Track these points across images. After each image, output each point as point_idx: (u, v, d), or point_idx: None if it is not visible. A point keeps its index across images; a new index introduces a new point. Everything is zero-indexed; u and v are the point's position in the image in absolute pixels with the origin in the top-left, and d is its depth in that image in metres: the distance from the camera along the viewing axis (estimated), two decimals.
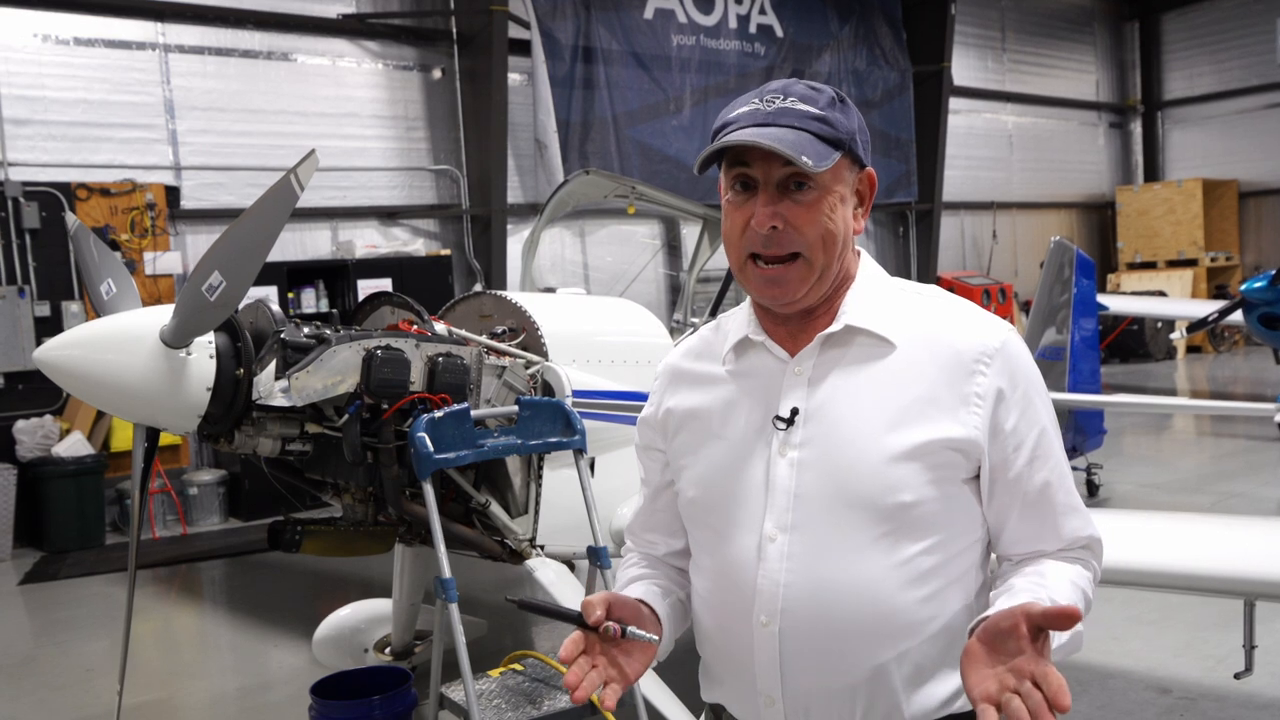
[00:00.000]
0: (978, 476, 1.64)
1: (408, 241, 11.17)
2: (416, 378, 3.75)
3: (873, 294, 1.68)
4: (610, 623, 1.55)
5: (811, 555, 1.60)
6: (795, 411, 1.64)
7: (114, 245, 9.13)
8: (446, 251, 11.29)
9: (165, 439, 8.32)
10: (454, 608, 3.33)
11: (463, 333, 4.18)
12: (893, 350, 1.63)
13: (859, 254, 1.74)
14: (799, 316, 1.68)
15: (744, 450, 1.68)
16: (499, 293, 4.58)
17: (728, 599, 1.67)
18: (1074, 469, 8.20)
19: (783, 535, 1.62)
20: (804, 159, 1.54)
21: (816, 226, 1.60)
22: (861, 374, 1.63)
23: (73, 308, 8.97)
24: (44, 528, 8.55)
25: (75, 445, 8.67)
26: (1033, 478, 1.63)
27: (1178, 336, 10.94)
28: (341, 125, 10.97)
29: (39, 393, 8.69)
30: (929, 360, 1.61)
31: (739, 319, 1.76)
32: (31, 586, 7.67)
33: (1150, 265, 19.14)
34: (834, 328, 1.65)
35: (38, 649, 6.41)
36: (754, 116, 1.60)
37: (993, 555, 1.73)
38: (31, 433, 8.65)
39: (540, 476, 4.08)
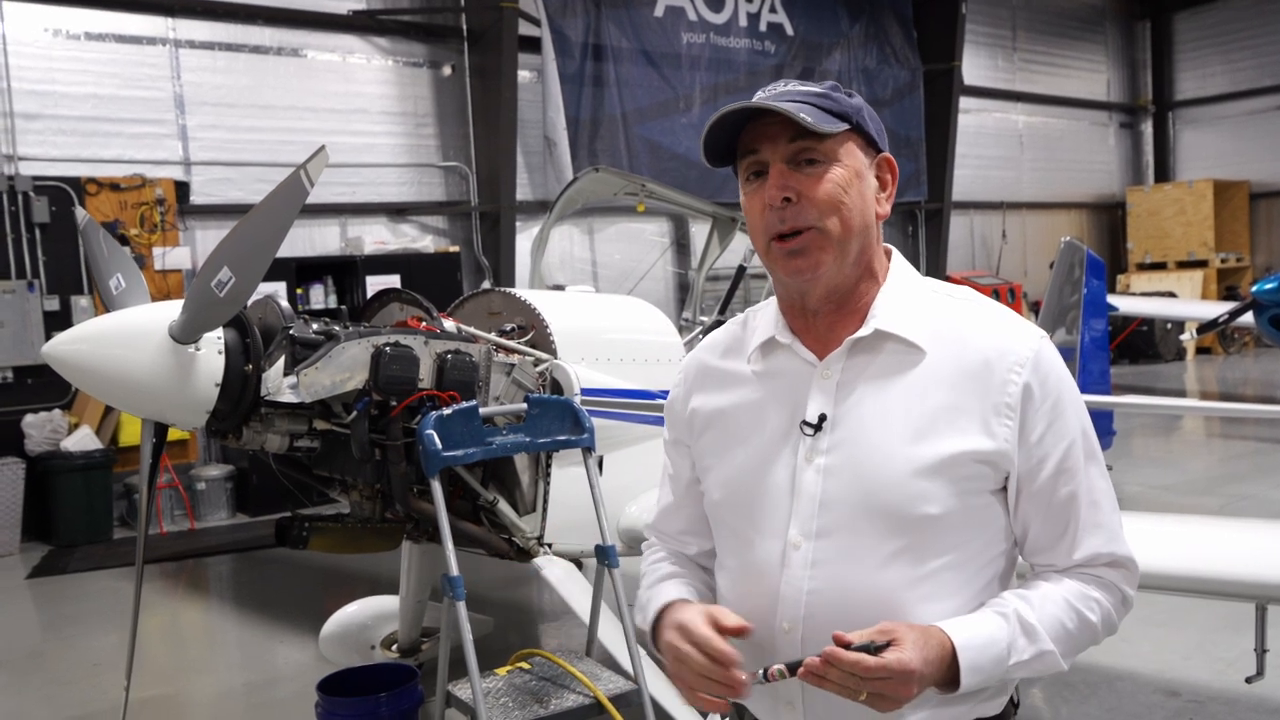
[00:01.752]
0: (1005, 487, 1.62)
1: (416, 238, 11.17)
2: (425, 375, 3.75)
3: (904, 297, 1.66)
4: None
5: (835, 563, 1.59)
6: (823, 417, 1.62)
7: (123, 240, 9.15)
8: (455, 248, 11.30)
9: (173, 434, 8.34)
10: (461, 605, 3.32)
11: (472, 330, 4.18)
12: (923, 357, 1.60)
13: (890, 252, 1.72)
14: (826, 312, 1.66)
15: (770, 454, 1.66)
16: (508, 290, 4.58)
17: (751, 603, 1.66)
18: None
19: (807, 542, 1.60)
20: (803, 116, 1.54)
21: (828, 196, 1.58)
22: (890, 381, 1.61)
23: (82, 302, 8.99)
24: (52, 522, 8.57)
25: (84, 439, 8.68)
26: (1057, 491, 1.60)
27: (1188, 338, 10.90)
28: (351, 121, 10.97)
29: (48, 387, 8.71)
30: (959, 369, 1.59)
31: (766, 317, 1.74)
32: (39, 580, 7.69)
33: (1160, 266, 19.07)
34: (863, 332, 1.62)
35: (45, 643, 6.42)
36: (755, 100, 1.62)
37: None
38: (40, 427, 8.67)
39: (548, 474, 4.08)
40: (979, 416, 1.57)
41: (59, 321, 8.65)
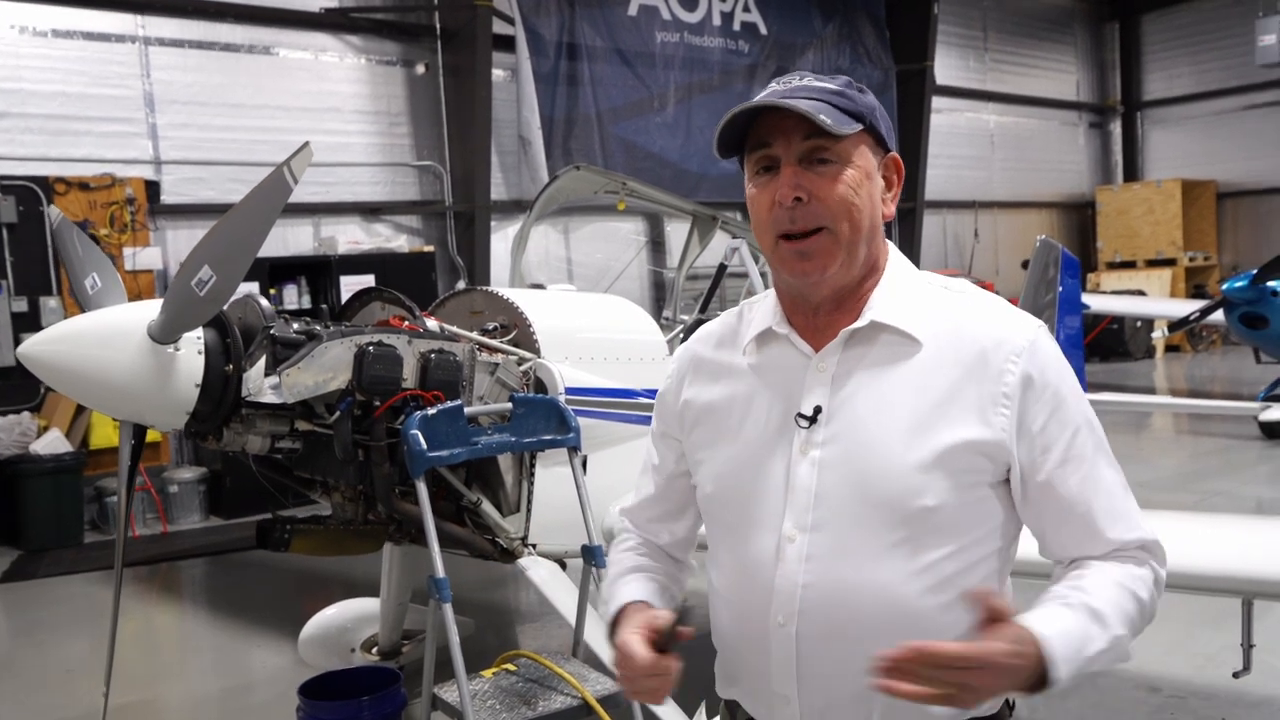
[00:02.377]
0: (1008, 480, 1.60)
1: (390, 238, 11.10)
2: (409, 374, 3.71)
3: (900, 289, 1.65)
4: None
5: (831, 557, 1.57)
6: (818, 410, 1.60)
7: (93, 240, 9.03)
8: (430, 248, 11.23)
9: (147, 436, 8.22)
10: (448, 607, 3.29)
11: (454, 329, 4.14)
12: (919, 348, 1.59)
13: (888, 246, 1.72)
14: (826, 308, 1.65)
15: (764, 447, 1.64)
16: (490, 289, 4.54)
17: (745, 597, 1.65)
18: None
19: (802, 535, 1.59)
20: (822, 118, 1.52)
21: (840, 199, 1.57)
22: (886, 373, 1.59)
23: (50, 303, 8.85)
24: (21, 526, 8.42)
25: (53, 443, 8.55)
26: (1066, 481, 1.58)
27: (1160, 335, 11.04)
28: (324, 120, 10.87)
29: (17, 389, 8.56)
30: (955, 360, 1.58)
31: (763, 309, 1.72)
32: (9, 586, 7.56)
33: (1130, 265, 19.29)
34: (859, 323, 1.61)
35: (16, 649, 6.32)
36: (770, 95, 1.59)
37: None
38: (9, 430, 8.52)
39: (532, 474, 4.05)
40: (975, 407, 1.55)
41: (27, 323, 8.50)
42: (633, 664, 1.58)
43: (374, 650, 4.86)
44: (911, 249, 16.27)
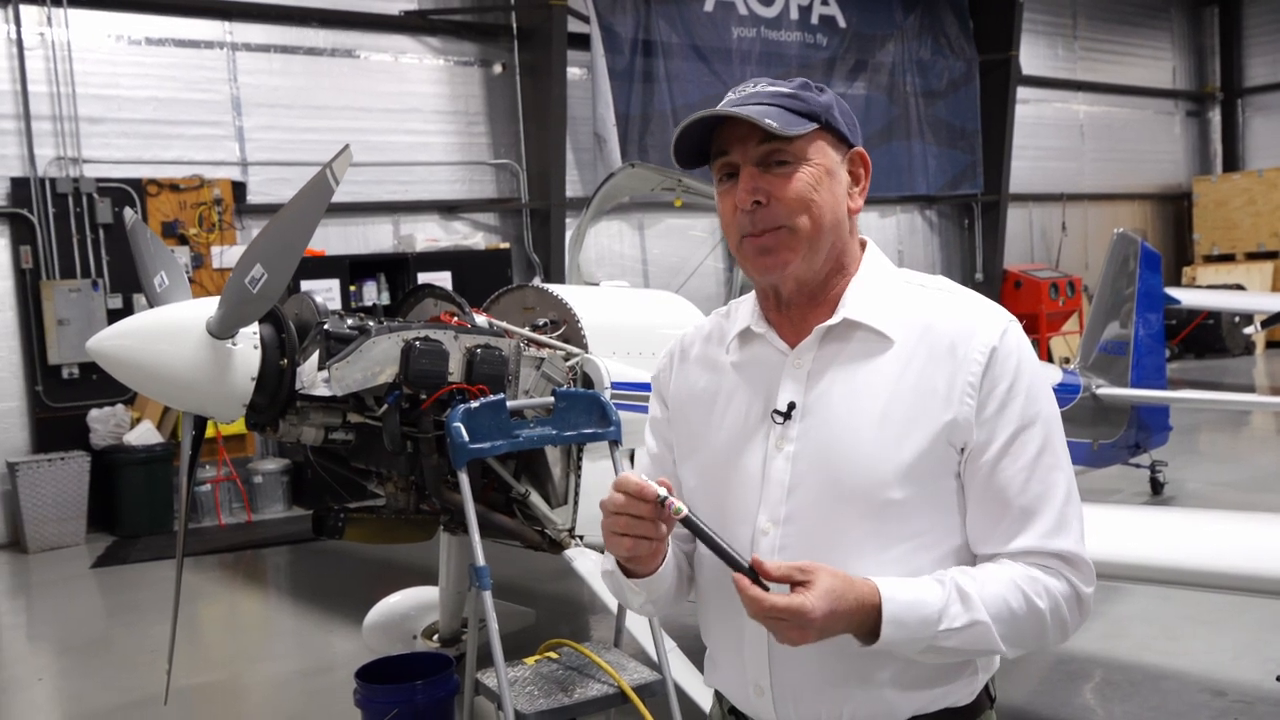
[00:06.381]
0: None
1: (468, 235, 11.31)
2: (455, 368, 3.82)
3: (875, 287, 1.68)
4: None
5: (804, 549, 1.60)
6: (793, 405, 1.64)
7: (183, 239, 9.42)
8: (506, 245, 11.40)
9: (231, 428, 8.53)
10: (487, 595, 3.38)
11: (503, 324, 4.23)
12: (890, 345, 1.62)
13: (865, 243, 1.74)
14: (798, 303, 1.68)
15: (742, 442, 1.69)
16: (542, 285, 4.63)
17: (723, 589, 1.66)
18: (1138, 466, 8.04)
19: (775, 528, 1.62)
20: (768, 122, 1.56)
21: (798, 196, 1.60)
22: (859, 369, 1.63)
23: (144, 300, 9.20)
24: (116, 513, 8.85)
25: (145, 434, 8.94)
26: (1004, 470, 1.58)
27: (1253, 331, 10.63)
28: (403, 120, 11.12)
29: (112, 382, 8.84)
30: (926, 356, 1.60)
31: (745, 308, 1.77)
32: (104, 570, 7.95)
33: (1229, 258, 18.59)
34: (833, 320, 1.65)
35: (108, 630, 6.64)
36: (723, 104, 1.65)
37: None
38: (104, 421, 8.94)
39: (580, 467, 4.12)
40: (944, 398, 1.58)
41: (122, 318, 8.87)
42: (628, 484, 1.52)
43: (435, 637, 4.99)
44: (996, 242, 15.95)
